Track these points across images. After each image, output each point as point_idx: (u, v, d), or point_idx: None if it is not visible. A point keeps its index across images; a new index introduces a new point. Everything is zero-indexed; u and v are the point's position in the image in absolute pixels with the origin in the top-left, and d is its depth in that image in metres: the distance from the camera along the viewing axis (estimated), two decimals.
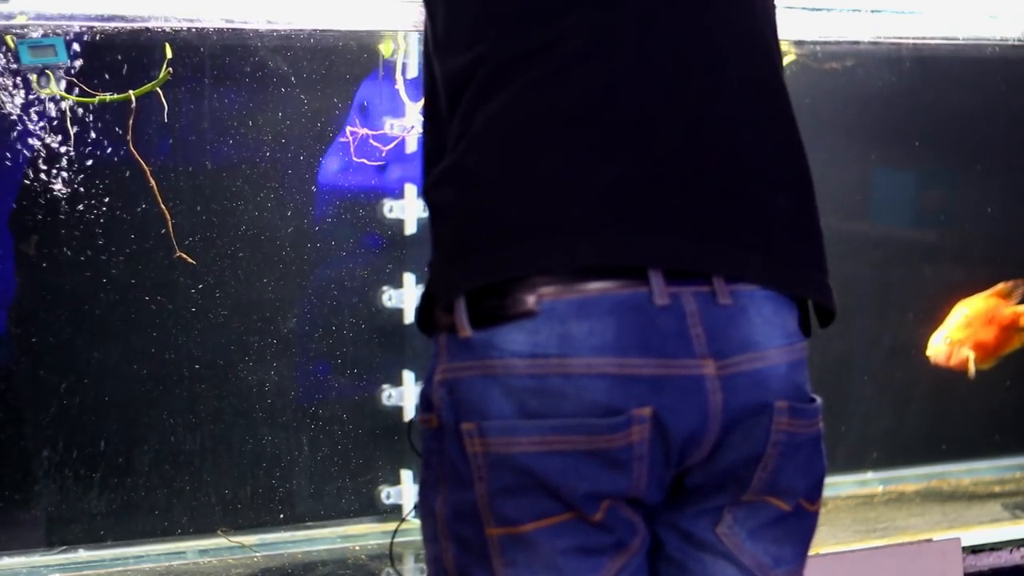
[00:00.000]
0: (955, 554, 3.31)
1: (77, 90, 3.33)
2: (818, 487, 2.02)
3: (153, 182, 3.41)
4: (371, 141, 3.67)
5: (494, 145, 1.89)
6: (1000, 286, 3.80)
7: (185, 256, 3.45)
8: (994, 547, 3.66)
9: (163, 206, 3.42)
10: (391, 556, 3.55)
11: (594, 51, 1.88)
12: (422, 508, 1.94)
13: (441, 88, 1.97)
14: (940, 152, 4.36)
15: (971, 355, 3.75)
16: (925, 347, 3.84)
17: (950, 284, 3.90)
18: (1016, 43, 3.95)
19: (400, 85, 3.70)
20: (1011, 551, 3.66)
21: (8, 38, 3.24)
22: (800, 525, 2.01)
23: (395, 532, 3.56)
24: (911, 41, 3.86)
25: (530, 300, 1.85)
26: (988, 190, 4.46)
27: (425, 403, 1.92)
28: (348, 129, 3.65)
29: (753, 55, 1.98)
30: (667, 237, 1.89)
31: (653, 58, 1.90)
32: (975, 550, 3.61)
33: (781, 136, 1.99)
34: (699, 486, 1.95)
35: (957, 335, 3.77)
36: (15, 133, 3.35)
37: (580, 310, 1.85)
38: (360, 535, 3.76)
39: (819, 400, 2.03)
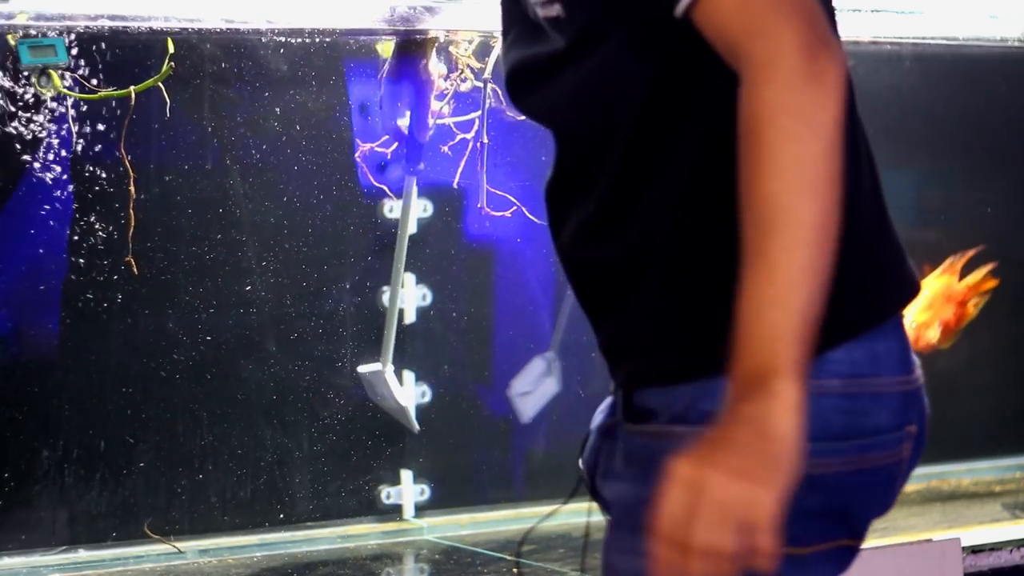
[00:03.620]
0: (955, 554, 3.31)
1: (77, 87, 3.33)
2: None
3: (132, 188, 3.41)
4: (375, 148, 3.67)
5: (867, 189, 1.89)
6: (948, 262, 3.80)
7: (132, 262, 3.44)
8: (994, 547, 3.66)
9: (131, 211, 3.41)
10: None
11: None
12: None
13: None
14: (940, 152, 4.36)
15: (937, 335, 3.74)
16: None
17: None
18: (1016, 43, 3.95)
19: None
20: (1011, 551, 3.66)
21: (9, 37, 3.24)
22: None
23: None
24: (911, 41, 3.86)
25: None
26: (988, 190, 4.46)
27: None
28: (360, 149, 3.65)
29: None
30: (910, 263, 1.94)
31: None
32: (975, 550, 3.61)
33: None
34: None
35: (921, 317, 3.76)
36: (14, 132, 3.35)
37: (879, 328, 1.85)
38: (360, 535, 3.76)
39: None
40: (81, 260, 3.46)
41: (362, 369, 3.66)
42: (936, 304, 3.76)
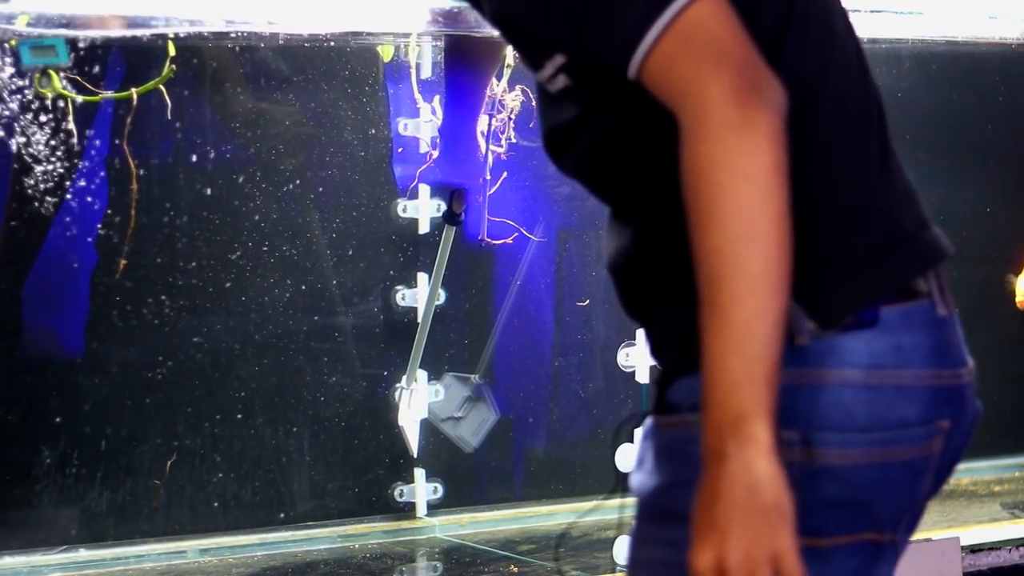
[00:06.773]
0: (954, 553, 3.32)
1: (77, 89, 3.33)
2: None
3: (135, 186, 3.41)
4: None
5: (830, 169, 1.88)
6: None
7: (122, 262, 3.44)
8: (993, 546, 3.68)
9: (133, 211, 3.41)
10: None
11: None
12: (671, 510, 1.84)
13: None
14: (939, 152, 4.37)
15: None
16: None
17: (949, 284, 3.91)
18: (1016, 43, 3.95)
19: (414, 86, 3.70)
20: (1010, 550, 3.68)
21: (12, 42, 3.23)
22: None
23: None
24: (911, 41, 3.86)
25: (876, 310, 1.83)
26: (987, 190, 4.47)
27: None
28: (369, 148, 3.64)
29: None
30: (930, 233, 1.92)
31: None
32: (974, 549, 3.62)
33: None
34: None
35: None
36: (13, 131, 3.35)
37: (906, 320, 1.84)
38: (360, 535, 3.76)
39: None
40: (81, 261, 3.46)
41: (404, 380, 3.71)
42: None
